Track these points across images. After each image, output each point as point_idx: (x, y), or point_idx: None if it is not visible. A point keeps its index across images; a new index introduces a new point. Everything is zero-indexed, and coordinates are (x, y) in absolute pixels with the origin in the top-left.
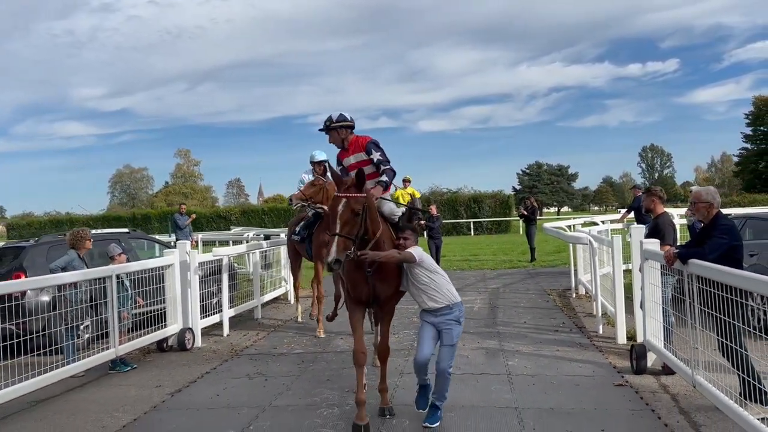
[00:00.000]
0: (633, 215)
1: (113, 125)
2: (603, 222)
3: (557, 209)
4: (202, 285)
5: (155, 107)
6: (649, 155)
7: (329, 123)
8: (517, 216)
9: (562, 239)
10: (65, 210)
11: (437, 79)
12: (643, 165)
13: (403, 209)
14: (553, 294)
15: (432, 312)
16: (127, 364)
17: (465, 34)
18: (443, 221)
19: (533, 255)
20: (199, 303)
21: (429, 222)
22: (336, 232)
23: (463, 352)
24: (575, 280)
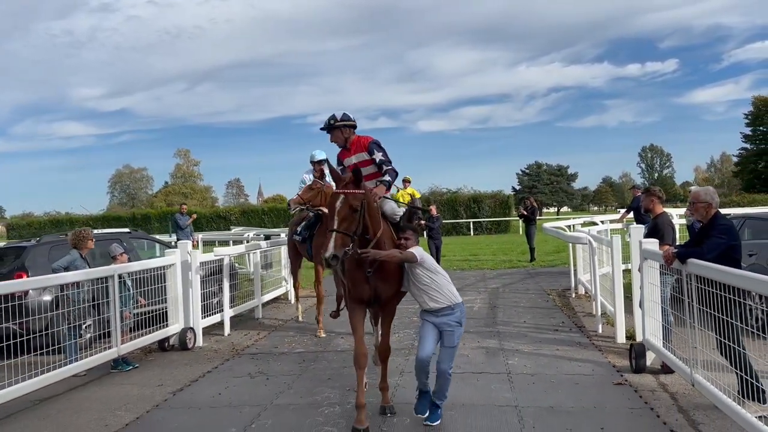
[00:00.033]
0: (632, 215)
1: (113, 125)
2: (602, 222)
3: (557, 209)
4: (203, 285)
5: (155, 107)
6: (649, 155)
7: (333, 121)
8: (517, 216)
9: (561, 239)
10: (65, 210)
11: (436, 80)
12: (643, 165)
13: (404, 209)
14: (553, 294)
15: (433, 312)
16: (129, 363)
17: (464, 34)
18: (443, 221)
19: (533, 255)
20: (201, 303)
21: (429, 222)
22: (334, 228)
23: (464, 351)
24: (575, 279)
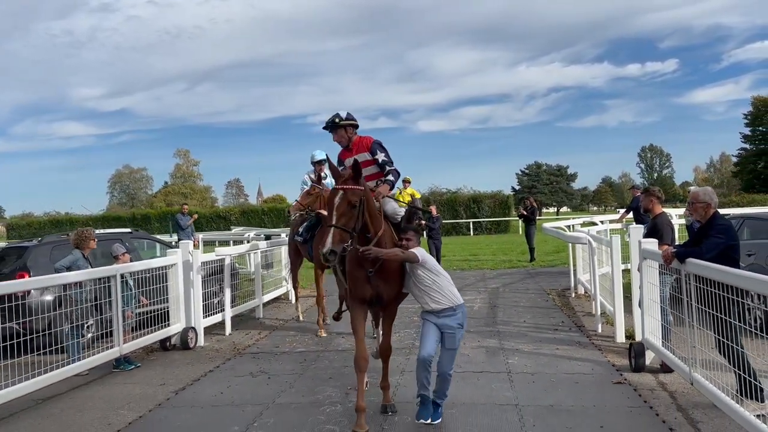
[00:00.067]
0: (632, 215)
1: (112, 125)
2: (602, 222)
3: (556, 209)
4: (203, 285)
5: (154, 107)
6: (648, 155)
7: (338, 120)
8: (517, 216)
9: (561, 239)
10: (65, 210)
11: (436, 80)
12: (642, 165)
13: (404, 210)
14: (553, 293)
15: (435, 313)
16: (131, 362)
17: (464, 34)
18: (443, 221)
19: (532, 255)
20: (202, 302)
21: (429, 222)
22: (332, 223)
23: (464, 350)
24: (574, 279)
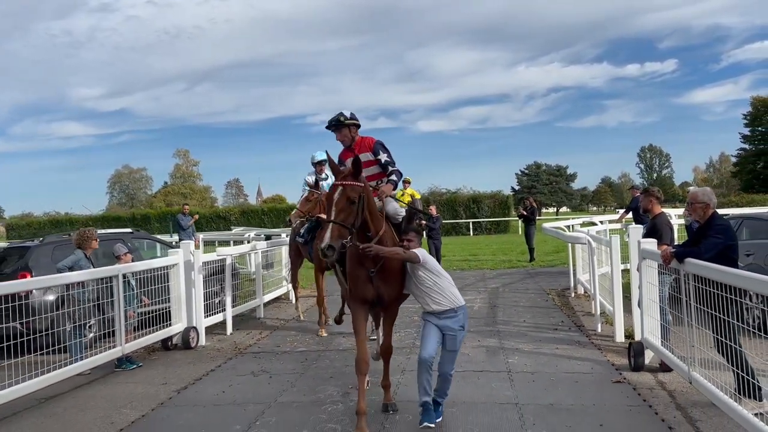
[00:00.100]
0: (631, 215)
1: (112, 125)
2: (601, 222)
3: (556, 209)
4: (204, 284)
5: (154, 107)
6: (648, 155)
7: (343, 119)
8: (517, 216)
9: (561, 239)
10: (64, 210)
11: (436, 80)
12: (642, 165)
13: (405, 211)
14: (552, 293)
15: (436, 315)
16: (133, 362)
17: (464, 34)
18: (443, 221)
19: (532, 255)
20: (203, 302)
21: (429, 222)
22: (331, 219)
23: (464, 350)
24: (574, 279)
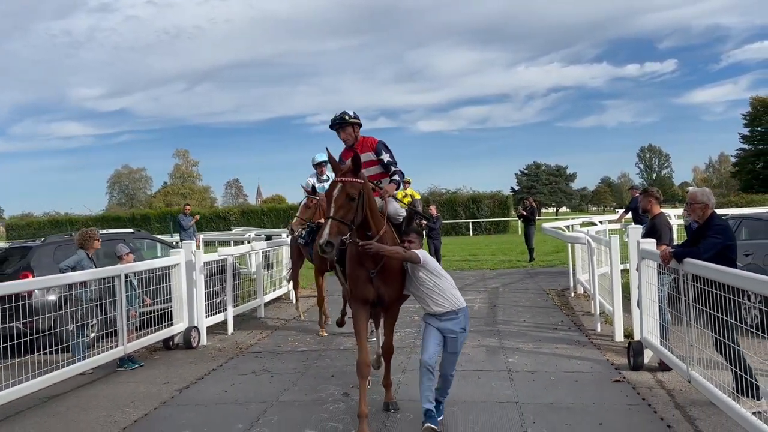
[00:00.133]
0: (630, 215)
1: (111, 125)
2: (601, 222)
3: (555, 210)
4: (206, 284)
5: (153, 107)
6: (647, 155)
7: (348, 118)
8: (516, 216)
9: (560, 239)
10: (64, 210)
11: (435, 80)
12: (642, 165)
13: (405, 211)
14: (552, 293)
15: (437, 316)
16: (135, 361)
17: (463, 34)
18: (442, 221)
19: (532, 255)
20: (204, 302)
21: (430, 222)
22: (330, 215)
23: (464, 349)
24: (574, 279)
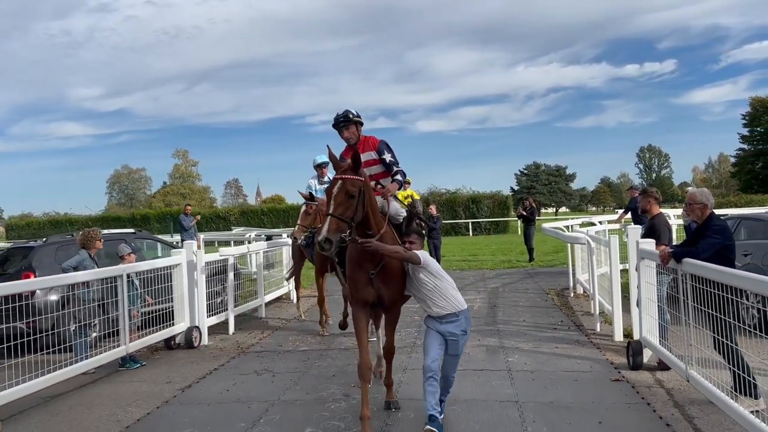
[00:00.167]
0: (630, 216)
1: (111, 125)
2: (600, 222)
3: (555, 210)
4: (207, 284)
5: (153, 107)
6: (647, 156)
7: (351, 116)
8: (516, 216)
9: (560, 239)
10: (64, 210)
11: (435, 80)
12: (641, 165)
13: (405, 211)
14: (552, 293)
15: (437, 319)
16: (137, 361)
17: (463, 34)
18: (442, 221)
19: (531, 255)
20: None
21: (430, 222)
22: (329, 212)
23: (465, 349)
24: (573, 279)
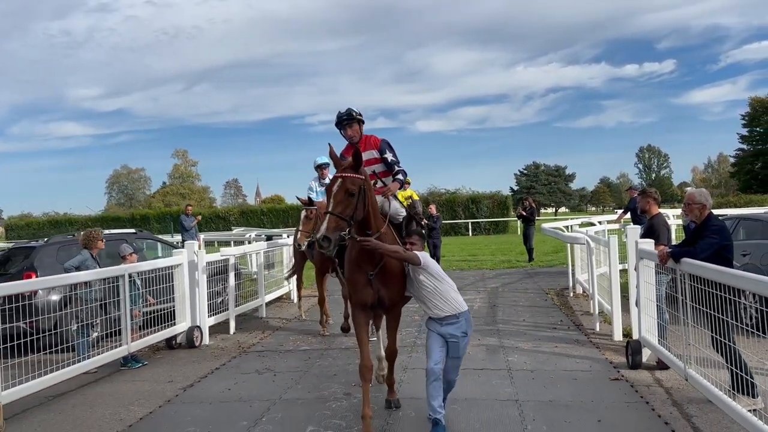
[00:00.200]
0: (629, 216)
1: (110, 125)
2: (600, 222)
3: (554, 210)
4: (208, 284)
5: (152, 107)
6: (646, 156)
7: (354, 114)
8: (516, 216)
9: (560, 239)
10: (63, 210)
11: (434, 80)
12: (641, 165)
13: (404, 211)
14: (552, 293)
15: (438, 321)
16: (138, 360)
17: (463, 34)
18: (442, 221)
19: (531, 255)
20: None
21: (431, 222)
22: (329, 210)
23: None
24: (573, 279)
